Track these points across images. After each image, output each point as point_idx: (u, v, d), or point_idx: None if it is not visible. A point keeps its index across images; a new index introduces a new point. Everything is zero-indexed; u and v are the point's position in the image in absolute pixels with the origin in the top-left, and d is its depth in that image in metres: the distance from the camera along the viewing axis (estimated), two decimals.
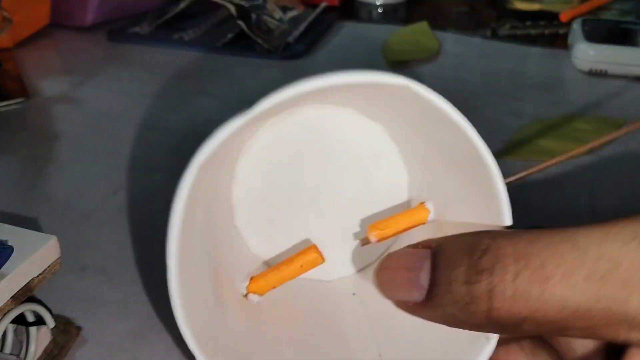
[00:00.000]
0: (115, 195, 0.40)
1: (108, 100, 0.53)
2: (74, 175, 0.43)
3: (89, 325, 0.30)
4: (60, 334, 0.29)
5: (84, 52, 0.63)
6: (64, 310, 0.31)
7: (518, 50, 0.63)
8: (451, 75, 0.57)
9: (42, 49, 0.63)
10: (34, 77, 0.57)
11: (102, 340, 0.30)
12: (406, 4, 0.75)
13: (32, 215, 0.38)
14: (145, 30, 0.66)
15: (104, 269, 0.34)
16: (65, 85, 0.56)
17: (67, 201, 0.40)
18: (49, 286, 0.32)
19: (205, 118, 0.50)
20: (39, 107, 0.52)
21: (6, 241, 0.26)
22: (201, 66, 0.60)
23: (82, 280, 0.33)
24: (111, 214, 0.39)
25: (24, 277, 0.25)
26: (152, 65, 0.60)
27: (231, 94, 0.54)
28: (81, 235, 0.37)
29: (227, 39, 0.64)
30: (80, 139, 0.47)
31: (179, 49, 0.63)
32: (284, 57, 0.60)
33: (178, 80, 0.57)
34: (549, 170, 0.33)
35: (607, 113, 0.50)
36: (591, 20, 0.62)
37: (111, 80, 0.57)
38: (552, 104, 0.53)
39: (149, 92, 0.54)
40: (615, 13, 0.70)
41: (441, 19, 0.70)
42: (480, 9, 0.74)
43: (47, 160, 0.44)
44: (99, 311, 0.31)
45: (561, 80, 0.58)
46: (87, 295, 0.32)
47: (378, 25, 0.70)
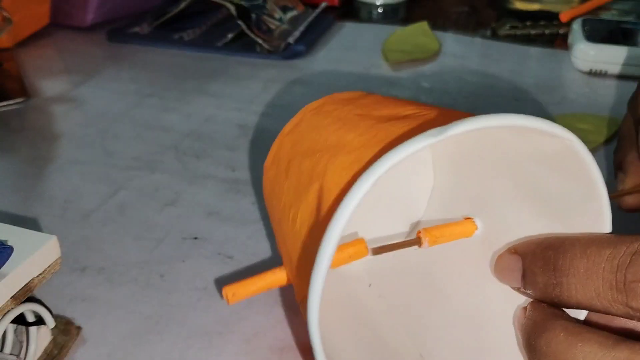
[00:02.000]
0: (115, 195, 0.40)
1: (108, 100, 0.53)
2: (74, 175, 0.43)
3: (89, 325, 0.30)
4: (60, 334, 0.29)
5: (84, 52, 0.63)
6: (64, 310, 0.31)
7: (518, 50, 0.63)
8: (451, 75, 0.57)
9: (42, 49, 0.63)
10: (34, 77, 0.57)
11: (102, 340, 0.30)
12: (406, 4, 0.75)
13: (32, 215, 0.38)
14: (145, 30, 0.66)
15: (104, 269, 0.34)
16: (65, 85, 0.56)
17: (67, 201, 0.40)
18: (49, 286, 0.32)
19: (205, 118, 0.50)
20: (39, 107, 0.52)
21: (6, 241, 0.26)
22: (201, 66, 0.60)
23: (82, 280, 0.33)
24: (111, 214, 0.39)
25: (24, 277, 0.25)
26: (152, 65, 0.60)
27: (231, 94, 0.54)
28: (81, 235, 0.37)
29: (227, 39, 0.64)
30: (80, 139, 0.47)
31: (179, 49, 0.63)
32: (284, 57, 0.60)
33: (178, 80, 0.57)
34: None
35: (607, 113, 0.50)
36: (591, 20, 0.62)
37: (111, 80, 0.57)
38: (552, 104, 0.53)
39: (149, 92, 0.54)
40: (615, 13, 0.70)
41: (441, 19, 0.70)
42: (480, 9, 0.74)
43: (47, 160, 0.44)
44: (99, 311, 0.31)
45: (561, 80, 0.58)
46: (87, 295, 0.32)
47: (378, 25, 0.70)
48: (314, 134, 0.27)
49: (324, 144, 0.26)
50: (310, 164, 0.25)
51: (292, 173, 0.27)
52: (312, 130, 0.28)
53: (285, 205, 0.26)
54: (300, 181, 0.26)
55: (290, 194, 0.26)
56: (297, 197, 0.25)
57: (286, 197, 0.26)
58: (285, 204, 0.26)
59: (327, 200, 0.23)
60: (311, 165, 0.25)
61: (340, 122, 0.26)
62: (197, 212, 0.39)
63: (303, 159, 0.26)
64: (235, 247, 0.36)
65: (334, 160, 0.24)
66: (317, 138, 0.27)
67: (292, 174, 0.26)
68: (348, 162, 0.23)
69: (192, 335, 0.30)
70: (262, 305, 0.31)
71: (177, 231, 0.37)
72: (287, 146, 0.28)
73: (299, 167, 0.26)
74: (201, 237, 0.37)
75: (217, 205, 0.39)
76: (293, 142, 0.28)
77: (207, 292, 0.32)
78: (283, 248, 0.27)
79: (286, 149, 0.28)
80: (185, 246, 0.36)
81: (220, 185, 0.41)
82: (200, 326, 0.30)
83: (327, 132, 0.26)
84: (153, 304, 0.32)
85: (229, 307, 0.31)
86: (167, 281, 0.33)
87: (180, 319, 0.31)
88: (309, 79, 0.56)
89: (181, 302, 0.32)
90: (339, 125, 0.26)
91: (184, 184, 0.41)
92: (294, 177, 0.26)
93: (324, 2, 0.71)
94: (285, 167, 0.27)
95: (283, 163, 0.28)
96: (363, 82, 0.56)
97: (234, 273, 0.34)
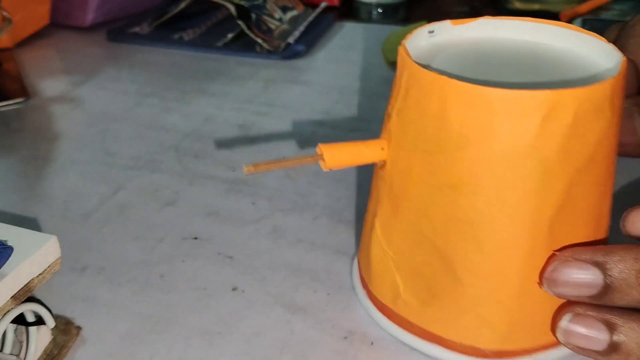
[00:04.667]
0: (115, 195, 0.40)
1: (108, 100, 0.53)
2: (73, 175, 0.43)
3: (89, 325, 0.30)
4: (60, 334, 0.29)
5: (84, 52, 0.63)
6: (63, 310, 0.31)
7: None
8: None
9: (42, 49, 0.63)
10: (34, 77, 0.57)
11: (102, 340, 0.30)
12: (406, 4, 0.75)
13: (32, 215, 0.38)
14: (145, 30, 0.66)
15: (104, 269, 0.34)
16: (65, 85, 0.56)
17: (67, 201, 0.40)
18: (49, 286, 0.32)
19: (205, 118, 0.50)
20: (38, 107, 0.52)
21: (6, 241, 0.26)
22: (201, 66, 0.60)
23: (81, 280, 0.33)
24: (111, 214, 0.39)
25: (24, 277, 0.25)
26: (152, 65, 0.60)
27: (231, 94, 0.54)
28: (81, 235, 0.37)
29: (227, 39, 0.64)
30: (80, 139, 0.47)
31: (179, 49, 0.63)
32: (284, 57, 0.60)
33: (178, 80, 0.57)
34: None
35: None
36: (591, 20, 0.62)
37: (111, 80, 0.57)
38: None
39: (149, 92, 0.54)
40: (615, 13, 0.70)
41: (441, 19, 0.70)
42: (480, 9, 0.74)
43: (47, 160, 0.44)
44: (99, 311, 0.31)
45: None
46: (86, 295, 0.32)
47: (378, 25, 0.70)
48: None
49: None
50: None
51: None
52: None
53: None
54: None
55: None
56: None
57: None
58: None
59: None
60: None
61: None
62: (197, 212, 0.39)
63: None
64: (235, 247, 0.36)
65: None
66: None
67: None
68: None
69: (192, 335, 0.30)
70: (262, 306, 0.31)
71: (177, 231, 0.37)
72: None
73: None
74: (201, 237, 0.37)
75: (217, 205, 0.39)
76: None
77: (207, 292, 0.32)
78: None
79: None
80: (185, 246, 0.36)
81: (220, 185, 0.41)
82: (200, 326, 0.30)
83: None
84: (153, 304, 0.32)
85: (228, 307, 0.31)
86: (167, 281, 0.33)
87: (180, 319, 0.31)
88: (309, 79, 0.56)
89: (181, 302, 0.32)
90: None
91: (183, 184, 0.41)
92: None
93: (324, 2, 0.71)
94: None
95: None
96: (363, 82, 0.56)
97: (234, 273, 0.34)
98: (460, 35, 0.30)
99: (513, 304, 0.26)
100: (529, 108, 0.23)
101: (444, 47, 0.29)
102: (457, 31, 0.30)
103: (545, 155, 0.24)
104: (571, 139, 0.24)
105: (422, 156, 0.26)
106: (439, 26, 0.30)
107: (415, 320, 0.29)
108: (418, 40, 0.29)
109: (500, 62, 0.28)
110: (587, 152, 0.24)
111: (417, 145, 0.26)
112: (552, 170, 0.24)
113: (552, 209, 0.25)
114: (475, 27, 0.30)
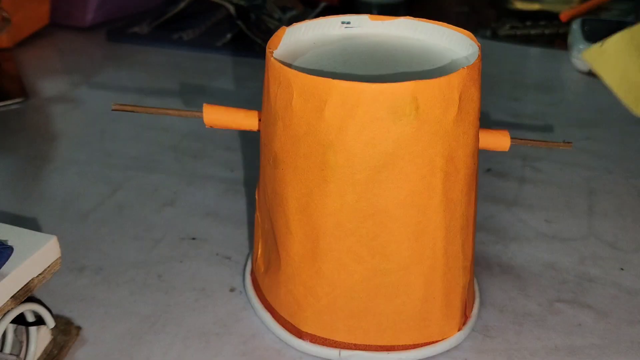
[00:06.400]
0: (113, 195, 0.41)
1: (107, 100, 0.53)
2: (73, 175, 0.43)
3: (89, 325, 0.30)
4: (60, 334, 0.29)
5: (84, 52, 0.63)
6: (63, 310, 0.31)
7: (518, 50, 0.63)
8: None
9: (42, 49, 0.63)
10: (34, 77, 0.57)
11: (102, 340, 0.30)
12: (406, 4, 0.75)
13: (32, 215, 0.38)
14: (145, 30, 0.66)
15: (102, 269, 0.34)
16: (65, 85, 0.56)
17: (65, 201, 0.40)
18: (49, 286, 0.32)
19: None
20: (38, 107, 0.52)
21: (6, 241, 0.26)
22: (201, 66, 0.60)
23: (81, 280, 0.33)
24: (109, 214, 0.39)
25: (24, 277, 0.25)
26: (151, 65, 0.60)
27: (231, 94, 0.54)
28: (79, 235, 0.37)
29: (227, 39, 0.64)
30: (79, 139, 0.47)
31: (178, 49, 0.63)
32: None
33: (178, 80, 0.57)
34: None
35: (606, 113, 0.50)
36: (591, 20, 0.62)
37: (110, 80, 0.57)
38: (551, 104, 0.53)
39: (149, 92, 0.54)
40: (615, 13, 0.70)
41: (441, 19, 0.70)
42: (480, 9, 0.74)
43: (46, 160, 0.45)
44: (98, 311, 0.31)
45: (561, 80, 0.58)
46: (85, 295, 0.32)
47: None
48: None
49: None
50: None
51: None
52: None
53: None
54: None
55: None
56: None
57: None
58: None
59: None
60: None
61: None
62: (195, 212, 0.39)
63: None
64: (233, 247, 0.36)
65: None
66: None
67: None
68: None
69: (190, 335, 0.30)
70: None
71: (175, 231, 0.37)
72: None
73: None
74: (199, 238, 0.37)
75: (215, 205, 0.40)
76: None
77: (205, 292, 0.32)
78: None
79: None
80: (183, 246, 0.36)
81: (218, 185, 0.41)
82: (198, 327, 0.30)
83: None
84: (151, 304, 0.32)
85: (226, 308, 0.31)
86: (165, 281, 0.33)
87: (178, 319, 0.31)
88: None
89: (179, 303, 0.32)
90: None
91: (182, 184, 0.41)
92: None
93: (323, 2, 0.71)
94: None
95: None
96: None
97: (232, 274, 0.34)
98: (356, 32, 0.32)
99: (318, 291, 0.27)
100: (322, 93, 0.24)
101: (328, 41, 0.30)
102: (373, 26, 0.32)
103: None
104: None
105: (263, 128, 0.29)
106: (356, 19, 0.31)
107: (261, 285, 0.31)
108: (303, 31, 0.30)
109: (372, 57, 0.29)
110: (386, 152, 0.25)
111: (266, 118, 0.28)
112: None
113: (350, 196, 0.25)
114: (388, 25, 0.33)
